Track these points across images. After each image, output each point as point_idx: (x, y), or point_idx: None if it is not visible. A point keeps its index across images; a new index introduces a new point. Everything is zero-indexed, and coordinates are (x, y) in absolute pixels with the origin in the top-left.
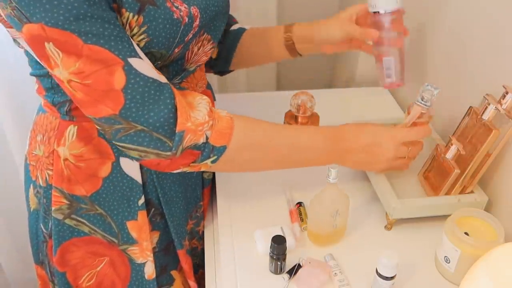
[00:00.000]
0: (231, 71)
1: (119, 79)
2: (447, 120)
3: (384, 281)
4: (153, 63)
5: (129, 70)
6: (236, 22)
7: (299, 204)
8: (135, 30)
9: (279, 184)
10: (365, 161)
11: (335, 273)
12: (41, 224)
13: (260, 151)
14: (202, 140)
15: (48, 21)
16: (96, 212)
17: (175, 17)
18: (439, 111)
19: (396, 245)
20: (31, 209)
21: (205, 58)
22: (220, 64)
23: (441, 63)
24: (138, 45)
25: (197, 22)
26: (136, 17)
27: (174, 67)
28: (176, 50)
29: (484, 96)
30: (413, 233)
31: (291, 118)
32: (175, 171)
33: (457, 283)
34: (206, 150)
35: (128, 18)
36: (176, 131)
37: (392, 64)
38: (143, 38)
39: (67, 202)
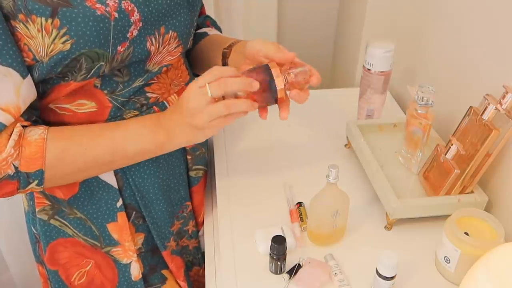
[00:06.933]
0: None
1: None
2: (447, 120)
3: (384, 281)
4: (97, 63)
5: None
6: (208, 26)
7: (299, 204)
8: (54, 33)
9: (279, 184)
10: (187, 121)
11: (335, 273)
12: (32, 226)
13: (81, 163)
14: (10, 171)
15: None
16: (75, 216)
17: (99, 13)
18: (439, 111)
19: (396, 245)
20: (25, 211)
21: (170, 58)
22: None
23: (441, 63)
24: (64, 47)
25: (136, 17)
26: (50, 20)
27: (135, 68)
28: (120, 48)
29: (484, 96)
30: (413, 233)
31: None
32: (6, 197)
33: (457, 283)
34: (22, 178)
35: (41, 24)
36: None
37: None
38: (67, 40)
39: (49, 203)
